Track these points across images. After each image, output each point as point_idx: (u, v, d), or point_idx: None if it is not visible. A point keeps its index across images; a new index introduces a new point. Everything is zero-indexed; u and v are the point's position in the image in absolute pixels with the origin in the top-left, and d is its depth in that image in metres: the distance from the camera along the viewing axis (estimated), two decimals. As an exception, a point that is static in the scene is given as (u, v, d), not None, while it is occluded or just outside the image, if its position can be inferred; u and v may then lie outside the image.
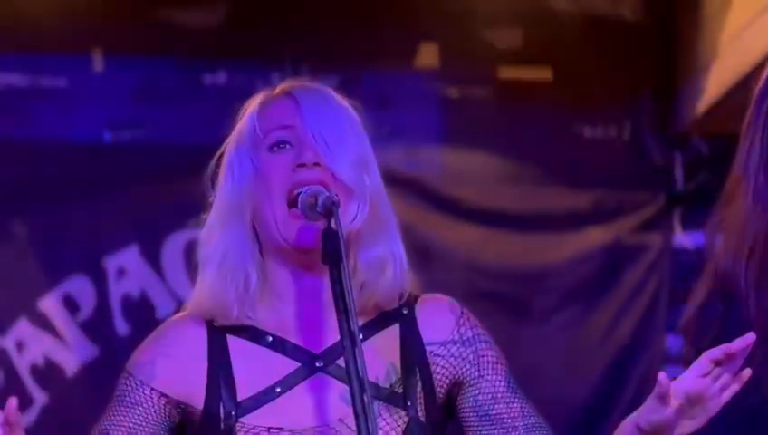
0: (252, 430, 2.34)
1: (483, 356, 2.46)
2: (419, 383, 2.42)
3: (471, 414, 2.45)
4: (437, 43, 5.15)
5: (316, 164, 2.32)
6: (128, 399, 2.38)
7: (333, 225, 2.21)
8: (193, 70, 5.10)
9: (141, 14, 5.09)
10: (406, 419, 2.38)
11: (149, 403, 2.39)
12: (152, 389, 2.38)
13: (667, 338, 4.97)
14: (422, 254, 2.43)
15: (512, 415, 2.45)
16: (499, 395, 2.45)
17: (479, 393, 2.45)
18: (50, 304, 5.00)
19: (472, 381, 2.44)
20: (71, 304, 5.01)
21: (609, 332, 4.95)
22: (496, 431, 2.45)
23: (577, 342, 5.03)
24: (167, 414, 2.39)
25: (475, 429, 2.46)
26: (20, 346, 4.96)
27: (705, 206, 4.53)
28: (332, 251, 2.21)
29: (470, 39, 5.12)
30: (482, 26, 5.10)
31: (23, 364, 4.98)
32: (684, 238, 5.00)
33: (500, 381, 2.45)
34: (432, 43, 5.15)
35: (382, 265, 2.40)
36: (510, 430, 2.45)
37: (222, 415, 2.37)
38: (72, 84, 5.11)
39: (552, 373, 4.84)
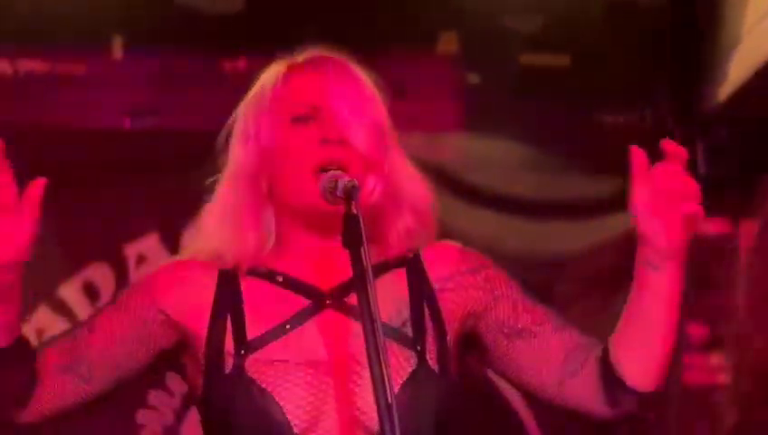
0: (260, 365, 2.38)
1: (492, 278, 2.50)
2: (430, 325, 2.46)
3: (499, 335, 2.47)
4: (457, 29, 5.14)
5: (341, 141, 2.37)
6: (129, 308, 2.45)
7: (354, 209, 2.22)
8: (212, 56, 5.11)
9: (160, 0, 5.09)
10: (414, 362, 2.40)
11: (147, 319, 2.44)
12: (158, 309, 2.44)
13: (689, 325, 4.90)
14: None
15: (537, 321, 2.48)
16: (519, 307, 2.48)
17: (500, 312, 2.48)
18: (70, 292, 5.01)
19: (489, 304, 2.49)
20: (91, 292, 5.01)
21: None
22: (527, 342, 2.47)
23: (599, 329, 5.03)
24: (159, 334, 2.45)
25: (506, 347, 2.47)
26: (40, 334, 4.81)
27: (728, 192, 4.45)
28: (353, 235, 2.22)
29: (489, 26, 5.12)
30: (501, 12, 5.10)
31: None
32: (706, 224, 4.94)
33: (516, 293, 2.48)
34: (452, 30, 5.14)
35: (401, 236, 2.46)
36: (539, 335, 2.46)
37: (232, 351, 2.40)
38: (91, 71, 5.10)
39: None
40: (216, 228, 2.47)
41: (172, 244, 5.01)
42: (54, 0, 4.88)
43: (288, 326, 2.41)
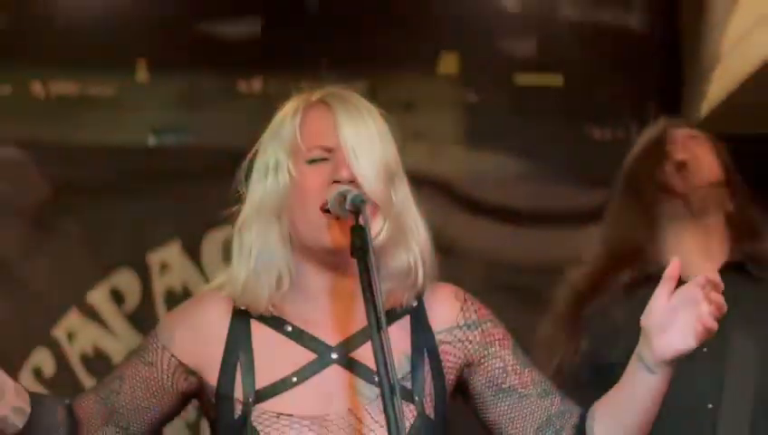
0: (265, 416, 2.33)
1: (489, 335, 2.44)
2: (429, 375, 2.41)
3: (486, 390, 2.43)
4: (458, 52, 5.16)
5: (351, 181, 2.30)
6: (147, 357, 2.39)
7: (362, 221, 2.21)
8: (230, 78, 5.14)
9: (182, 27, 5.13)
10: (413, 415, 2.35)
11: (164, 367, 2.39)
12: (171, 355, 2.39)
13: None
14: (444, 250, 2.42)
15: (524, 384, 2.43)
16: (509, 367, 2.43)
17: (490, 369, 2.43)
18: (98, 297, 5.04)
19: (481, 360, 2.44)
20: (117, 297, 5.06)
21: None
22: (511, 402, 2.43)
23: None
24: (177, 380, 2.40)
25: (491, 403, 2.43)
26: (70, 336, 5.02)
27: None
28: (360, 245, 2.20)
29: (487, 48, 5.15)
30: (498, 37, 5.13)
31: (73, 353, 5.01)
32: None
33: (508, 354, 2.44)
34: (453, 53, 5.17)
35: (408, 272, 2.38)
36: (523, 398, 2.43)
37: (241, 398, 2.35)
38: (119, 93, 5.14)
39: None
40: (236, 267, 2.40)
41: (192, 252, 5.08)
42: (84, 26, 4.90)
43: (295, 379, 2.36)
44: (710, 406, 2.92)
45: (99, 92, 5.16)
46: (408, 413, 2.33)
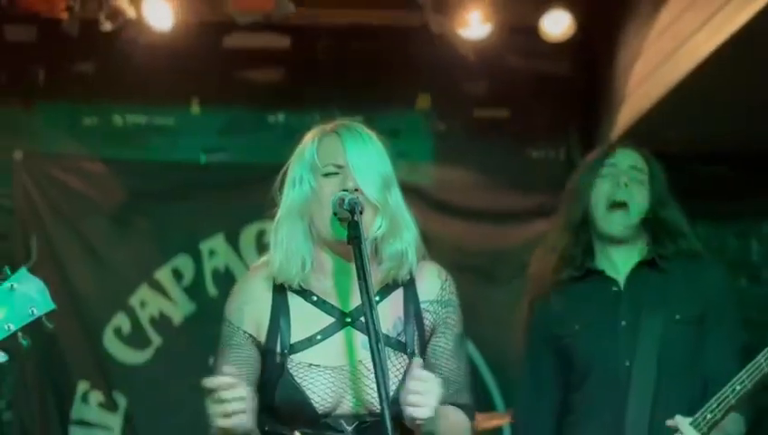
0: (297, 365, 2.33)
1: (450, 317, 2.43)
2: (416, 332, 2.39)
3: (430, 355, 2.40)
4: (430, 93, 5.13)
5: (355, 190, 2.30)
6: (232, 342, 2.39)
7: (356, 218, 2.23)
8: (260, 112, 5.11)
9: (225, 74, 5.09)
10: (407, 360, 2.34)
11: (244, 343, 2.38)
12: (243, 331, 2.38)
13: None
14: (421, 240, 2.43)
15: (441, 366, 2.39)
16: (443, 348, 2.41)
17: (436, 345, 2.41)
18: (162, 275, 5.01)
19: (436, 331, 2.42)
20: (177, 275, 5.02)
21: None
22: (436, 373, 2.32)
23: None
24: (254, 347, 2.38)
25: (427, 364, 2.36)
26: (142, 304, 4.98)
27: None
28: (355, 235, 2.22)
29: (452, 90, 5.11)
30: (460, 80, 5.08)
31: (144, 317, 4.97)
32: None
33: (450, 339, 2.41)
34: (426, 94, 5.14)
35: (401, 256, 2.36)
36: (444, 382, 2.32)
37: (278, 350, 2.35)
38: (177, 123, 5.12)
39: (511, 321, 4.73)
40: (273, 252, 2.39)
41: (232, 242, 5.02)
42: (151, 72, 4.83)
43: (319, 337, 2.35)
44: (627, 363, 2.87)
45: (162, 122, 5.13)
46: (403, 362, 2.34)
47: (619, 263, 2.99)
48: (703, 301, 2.92)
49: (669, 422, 2.70)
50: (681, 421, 2.68)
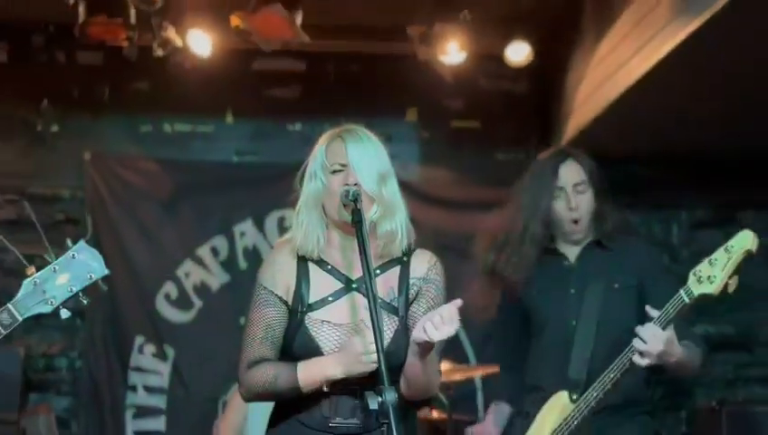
0: (313, 321, 2.32)
1: (429, 291, 2.40)
2: (405, 300, 2.38)
3: (409, 318, 2.35)
4: (417, 107, 5.13)
5: (356, 184, 2.30)
6: (264, 301, 2.36)
7: (359, 206, 2.25)
8: (281, 122, 5.09)
9: (253, 90, 5.07)
10: (397, 321, 2.34)
11: (276, 303, 2.36)
12: (275, 294, 2.35)
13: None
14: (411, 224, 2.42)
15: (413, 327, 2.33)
16: (420, 314, 2.35)
17: (414, 311, 2.36)
18: (203, 251, 4.99)
19: (417, 301, 2.38)
20: (215, 252, 5.00)
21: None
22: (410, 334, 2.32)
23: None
24: (284, 306, 2.35)
25: (407, 325, 2.35)
26: (187, 275, 4.97)
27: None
28: (357, 219, 2.24)
29: (434, 104, 5.10)
30: (441, 97, 5.06)
31: (188, 285, 4.96)
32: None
33: (426, 308, 2.36)
34: (414, 107, 5.13)
35: (393, 235, 2.35)
36: (410, 331, 2.33)
37: (300, 309, 2.34)
38: (215, 130, 5.12)
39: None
40: (296, 231, 2.38)
41: (259, 225, 4.99)
42: (194, 89, 4.78)
43: (330, 299, 2.35)
44: (573, 322, 2.86)
45: (203, 130, 5.13)
46: (394, 322, 2.34)
47: (572, 245, 2.98)
48: (637, 272, 2.90)
49: (651, 314, 2.62)
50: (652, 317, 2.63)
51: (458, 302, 2.22)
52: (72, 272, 2.06)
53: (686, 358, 2.67)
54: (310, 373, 2.28)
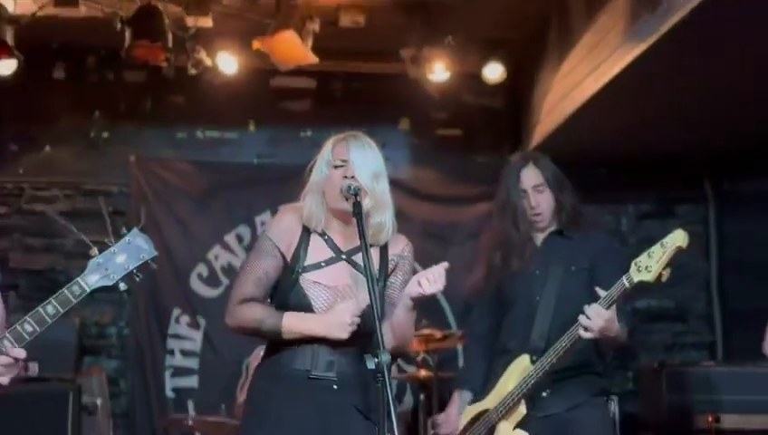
0: (307, 281, 2.31)
1: (404, 266, 2.42)
2: (384, 273, 2.39)
3: (388, 286, 2.39)
4: (409, 117, 5.11)
5: (353, 177, 2.30)
6: (266, 251, 2.34)
7: (359, 199, 2.25)
8: (295, 129, 5.05)
9: (271, 103, 5.05)
10: (379, 288, 2.33)
11: (277, 255, 2.33)
12: (278, 248, 2.33)
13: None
14: (398, 215, 2.43)
15: (395, 297, 2.38)
16: (398, 285, 2.39)
17: (392, 281, 2.40)
18: (229, 238, 4.97)
19: (395, 274, 2.40)
20: (239, 238, 4.97)
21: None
22: (388, 301, 2.38)
23: (473, 255, 5.01)
24: (281, 260, 2.33)
25: (385, 293, 2.39)
26: (216, 257, 4.94)
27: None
28: (358, 211, 2.24)
29: (423, 115, 5.08)
30: (428, 110, 5.04)
31: (217, 266, 4.92)
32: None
33: (402, 281, 2.38)
34: (406, 118, 5.11)
35: (382, 226, 2.36)
36: (393, 305, 2.36)
37: (296, 268, 2.32)
38: (238, 137, 5.09)
39: (462, 270, 4.70)
40: (304, 207, 2.36)
41: None
42: (222, 102, 4.78)
43: (323, 264, 2.34)
44: (537, 298, 2.86)
45: (229, 136, 5.10)
46: (377, 288, 2.31)
47: (538, 232, 2.97)
48: (591, 257, 2.89)
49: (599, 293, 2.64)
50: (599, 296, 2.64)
51: (445, 264, 2.25)
52: (127, 253, 2.11)
53: (620, 334, 2.70)
54: (294, 324, 2.27)
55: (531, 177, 2.93)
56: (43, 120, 4.90)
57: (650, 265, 2.51)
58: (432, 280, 2.22)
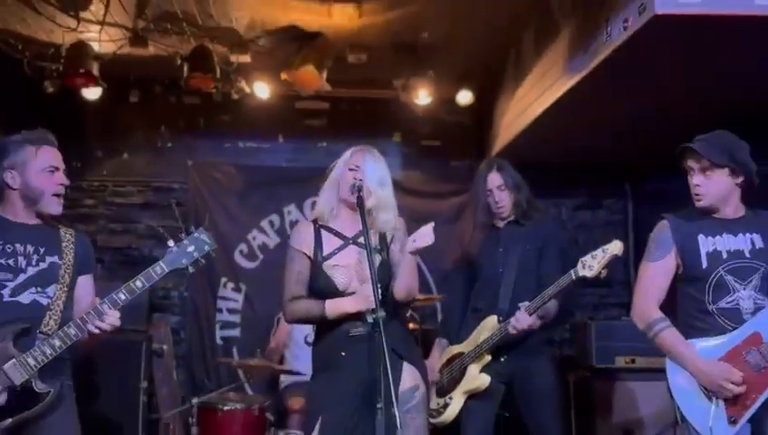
0: (328, 266, 2.29)
1: (398, 237, 2.38)
2: (386, 244, 2.36)
3: (390, 255, 2.35)
4: (401, 132, 5.08)
5: (360, 180, 2.29)
6: (294, 257, 2.33)
7: (361, 194, 2.26)
8: (313, 141, 5.01)
9: (295, 121, 5.00)
10: (381, 259, 2.32)
11: (302, 257, 2.33)
12: (302, 252, 2.33)
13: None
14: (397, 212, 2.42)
15: (396, 261, 2.33)
16: (397, 251, 2.35)
17: (393, 249, 2.36)
18: (264, 224, 4.94)
19: (393, 243, 2.38)
20: (271, 224, 4.94)
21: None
22: (394, 263, 2.32)
23: (451, 234, 4.96)
24: (307, 259, 2.33)
25: (388, 259, 2.33)
26: (254, 238, 4.91)
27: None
28: (360, 202, 2.25)
29: (411, 130, 5.05)
30: (415, 125, 5.01)
31: (255, 245, 4.91)
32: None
33: (398, 248, 2.35)
34: (399, 132, 5.08)
35: (388, 223, 2.34)
36: (394, 267, 2.31)
37: (318, 260, 2.31)
38: (270, 146, 5.05)
39: (441, 247, 4.64)
40: (318, 202, 2.35)
41: (300, 208, 4.91)
42: (258, 120, 4.71)
43: (336, 251, 2.31)
44: (500, 270, 2.90)
45: (264, 146, 5.04)
46: (381, 258, 2.32)
47: (501, 221, 3.01)
48: (541, 239, 2.92)
49: (520, 305, 2.73)
50: (522, 305, 2.71)
51: (431, 223, 2.27)
52: (195, 245, 2.19)
53: (548, 314, 2.74)
54: (334, 308, 2.26)
55: (494, 179, 2.96)
56: (122, 133, 4.91)
57: (593, 265, 2.54)
58: (424, 235, 2.23)
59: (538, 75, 3.89)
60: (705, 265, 2.23)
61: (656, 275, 2.30)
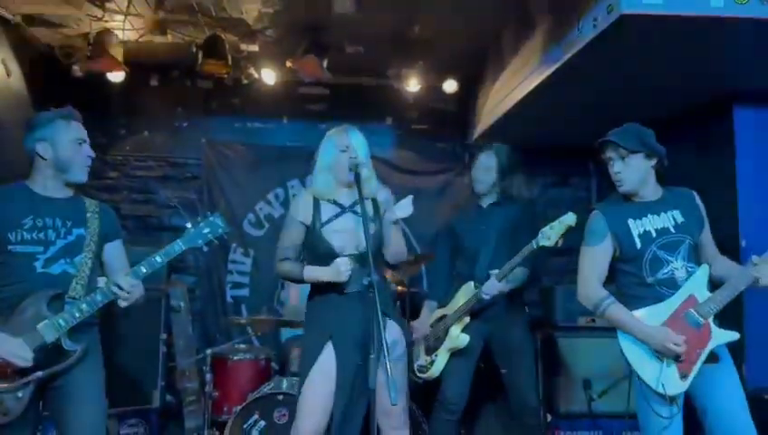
0: (326, 231, 2.26)
1: (389, 207, 2.38)
2: (378, 213, 2.34)
3: (382, 224, 2.33)
4: (392, 116, 5.05)
5: (356, 157, 2.27)
6: (291, 225, 2.31)
7: (358, 171, 2.25)
8: (313, 123, 4.96)
9: (298, 104, 4.97)
10: (376, 227, 2.30)
11: (298, 225, 2.32)
12: (297, 220, 2.32)
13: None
14: (386, 184, 2.39)
15: (387, 227, 2.34)
16: (389, 221, 2.35)
17: (385, 218, 2.35)
18: (269, 196, 4.93)
19: (385, 213, 2.36)
20: (276, 196, 4.93)
21: (453, 210, 4.74)
22: (384, 232, 2.32)
23: (442, 205, 4.78)
24: (303, 227, 2.32)
25: (381, 228, 2.31)
26: (260, 209, 4.91)
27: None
28: (358, 179, 2.25)
29: (403, 115, 5.03)
30: (406, 110, 5.01)
31: (261, 215, 4.90)
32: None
33: (388, 219, 2.35)
34: (391, 116, 5.05)
35: (373, 187, 2.30)
36: (387, 230, 2.30)
37: (317, 227, 2.29)
38: (276, 127, 5.01)
39: (426, 216, 4.56)
40: (316, 184, 2.33)
41: (302, 182, 4.88)
42: (265, 103, 4.68)
43: (333, 218, 2.29)
44: (480, 244, 2.90)
45: (270, 126, 4.97)
46: (375, 226, 2.31)
47: (485, 199, 3.04)
48: (516, 218, 2.96)
49: (490, 272, 2.77)
50: (492, 272, 2.76)
51: (411, 196, 2.30)
52: (210, 227, 2.24)
53: (518, 281, 2.80)
54: (310, 274, 2.26)
55: (486, 161, 2.98)
56: (143, 113, 4.88)
57: (551, 235, 2.60)
58: (401, 208, 2.29)
59: (515, 67, 3.90)
60: (639, 245, 2.25)
61: (596, 258, 2.31)
